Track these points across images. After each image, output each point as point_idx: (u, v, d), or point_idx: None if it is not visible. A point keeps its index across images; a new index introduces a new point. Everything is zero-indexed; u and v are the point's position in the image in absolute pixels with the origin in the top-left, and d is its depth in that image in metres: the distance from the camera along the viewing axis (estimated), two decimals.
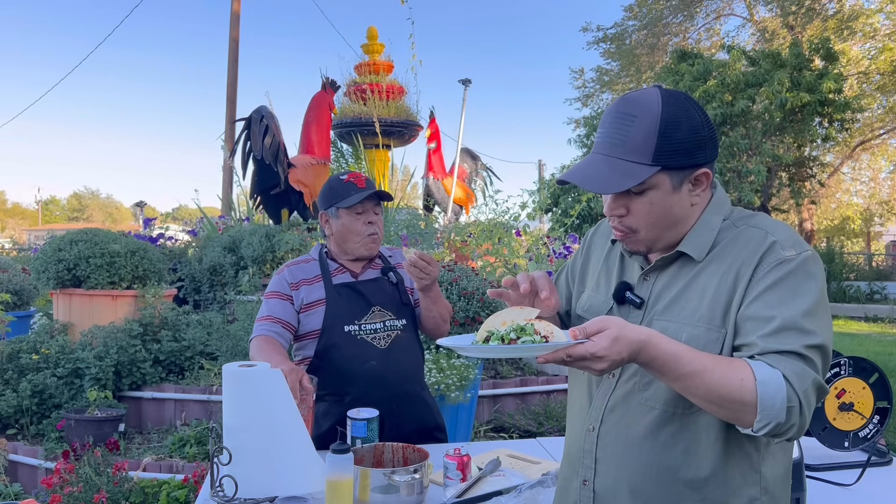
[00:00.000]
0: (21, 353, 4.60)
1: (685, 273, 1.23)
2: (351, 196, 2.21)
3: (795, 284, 1.13)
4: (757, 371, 1.06)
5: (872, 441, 1.96)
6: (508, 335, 1.15)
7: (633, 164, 1.16)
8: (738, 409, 1.06)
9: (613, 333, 1.05)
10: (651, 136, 1.15)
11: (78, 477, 3.00)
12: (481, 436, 4.37)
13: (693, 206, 1.22)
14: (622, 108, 1.19)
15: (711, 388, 1.06)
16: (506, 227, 6.65)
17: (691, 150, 1.17)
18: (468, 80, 8.49)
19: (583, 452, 1.30)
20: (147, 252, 5.30)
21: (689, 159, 1.17)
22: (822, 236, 23.60)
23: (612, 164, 1.17)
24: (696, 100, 1.22)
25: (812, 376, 1.08)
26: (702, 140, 1.18)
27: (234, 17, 11.66)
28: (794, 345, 1.08)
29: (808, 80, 13.23)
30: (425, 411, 2.26)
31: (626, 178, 1.15)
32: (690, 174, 1.19)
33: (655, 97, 1.18)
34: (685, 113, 1.17)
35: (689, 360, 1.07)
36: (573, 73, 24.53)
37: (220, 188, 11.12)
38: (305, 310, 2.20)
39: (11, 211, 64.40)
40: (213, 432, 1.64)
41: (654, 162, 1.15)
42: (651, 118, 1.15)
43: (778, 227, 1.21)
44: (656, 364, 1.08)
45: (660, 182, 1.17)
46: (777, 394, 1.04)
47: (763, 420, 1.05)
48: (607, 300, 1.34)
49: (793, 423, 1.06)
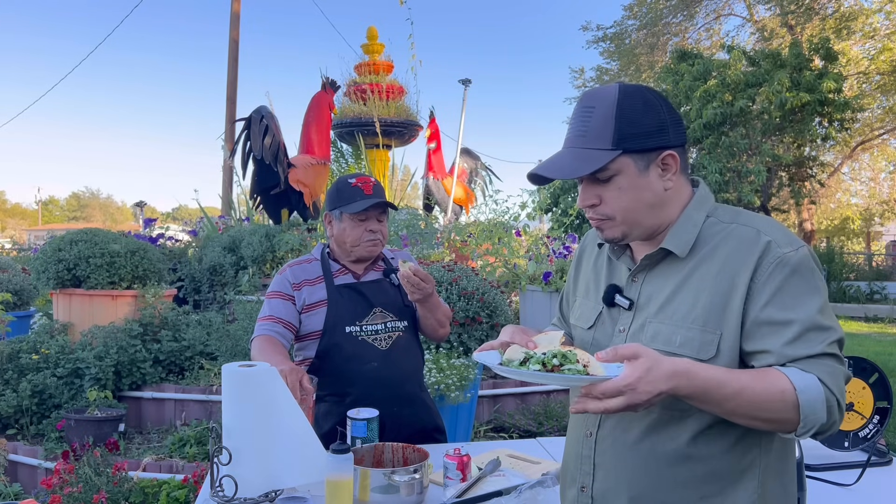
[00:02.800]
0: (21, 353, 4.59)
1: (675, 273, 1.22)
2: (356, 202, 2.20)
3: (802, 284, 1.14)
4: (794, 379, 1.08)
5: (872, 441, 1.96)
6: (550, 361, 1.11)
7: (594, 151, 1.18)
8: (783, 419, 1.08)
9: (647, 362, 1.04)
10: (608, 121, 1.18)
11: (78, 477, 3.00)
12: (481, 436, 4.37)
13: (667, 192, 1.22)
14: (584, 102, 1.23)
15: (755, 404, 1.07)
16: (506, 227, 6.65)
17: (652, 132, 1.19)
18: (468, 80, 8.49)
19: (581, 458, 1.30)
20: (147, 252, 5.30)
21: (651, 141, 1.19)
22: (822, 236, 23.60)
23: (576, 153, 1.20)
24: (657, 91, 1.25)
25: (842, 371, 1.12)
26: (662, 122, 1.20)
27: (234, 18, 11.65)
28: (820, 346, 1.11)
29: (808, 79, 13.22)
30: (425, 413, 2.26)
31: (588, 164, 1.18)
32: (656, 157, 1.20)
33: (613, 88, 1.21)
34: (642, 98, 1.20)
35: (728, 382, 1.07)
36: (573, 72, 24.56)
37: (220, 188, 11.12)
38: (307, 310, 2.20)
39: (11, 211, 64.41)
40: (213, 432, 1.64)
41: (614, 146, 1.18)
42: (608, 105, 1.19)
43: (769, 225, 1.21)
44: (698, 392, 1.07)
45: (624, 167, 1.19)
46: (817, 398, 1.07)
47: (806, 426, 1.08)
48: (597, 304, 1.34)
49: (833, 421, 1.09)
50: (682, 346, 1.16)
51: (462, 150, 9.04)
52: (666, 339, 1.18)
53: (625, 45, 22.21)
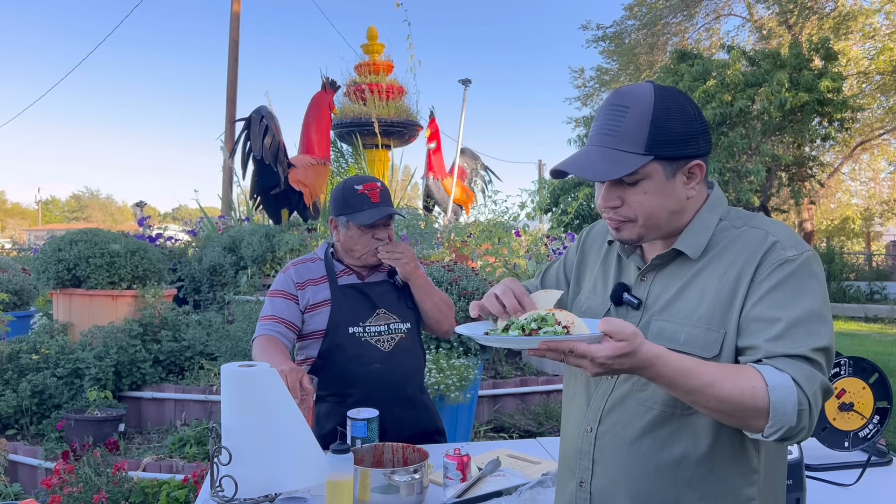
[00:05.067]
0: (21, 353, 4.59)
1: (683, 272, 1.23)
2: (364, 212, 2.18)
3: (799, 285, 1.13)
4: (767, 376, 1.06)
5: (872, 441, 1.96)
6: (529, 325, 1.11)
7: (625, 154, 1.16)
8: (750, 416, 1.06)
9: (627, 348, 1.02)
10: (643, 125, 1.16)
11: (78, 477, 3.00)
12: (481, 436, 4.37)
13: (689, 200, 1.22)
14: (615, 101, 1.20)
15: (723, 399, 1.05)
16: (505, 227, 6.65)
17: (684, 140, 1.18)
18: (468, 80, 8.48)
19: (580, 454, 1.30)
20: (147, 252, 5.30)
21: (682, 149, 1.18)
22: (822, 236, 23.58)
23: (605, 153, 1.17)
24: (689, 96, 1.22)
25: (820, 378, 1.08)
26: (694, 132, 1.18)
27: (234, 18, 11.65)
28: (802, 348, 1.08)
29: (807, 79, 13.22)
30: (426, 415, 2.26)
31: (619, 167, 1.15)
32: (684, 165, 1.19)
33: (648, 89, 1.19)
34: (677, 104, 1.18)
35: (698, 375, 1.06)
36: (573, 72, 24.55)
37: (220, 188, 11.12)
38: (310, 310, 2.19)
39: (11, 211, 64.38)
40: (213, 432, 1.64)
41: (646, 151, 1.16)
42: (643, 108, 1.17)
43: (778, 228, 1.21)
44: (664, 381, 1.07)
45: (653, 172, 1.17)
46: (788, 398, 1.04)
47: (775, 425, 1.05)
48: (605, 302, 1.34)
49: (803, 427, 1.06)
50: (686, 344, 1.16)
51: (462, 150, 9.03)
52: (670, 337, 1.18)
53: (624, 44, 22.20)
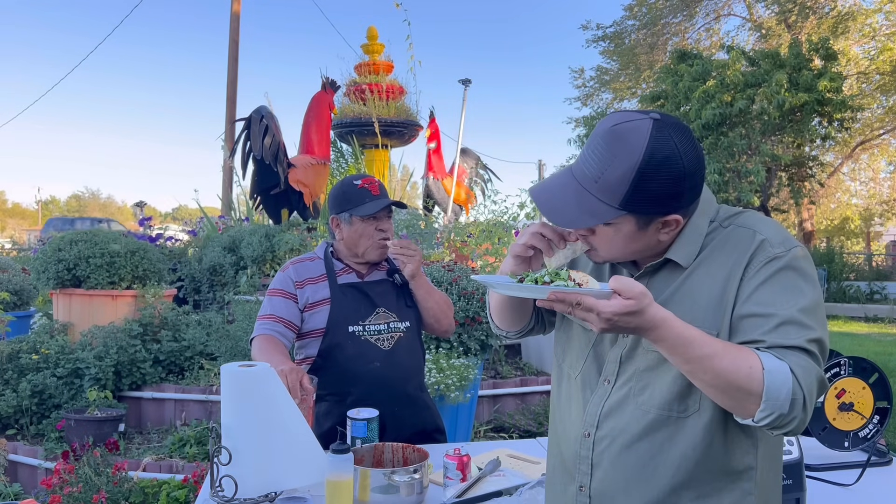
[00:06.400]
0: (21, 353, 4.59)
1: (675, 276, 1.23)
2: (366, 204, 2.20)
3: (788, 281, 1.14)
4: (765, 361, 1.07)
5: (872, 441, 1.96)
6: (542, 278, 1.15)
7: (600, 203, 1.14)
8: (743, 396, 1.07)
9: (634, 307, 1.04)
10: (624, 182, 1.12)
11: (77, 477, 3.00)
12: (481, 436, 4.37)
13: (660, 243, 1.22)
14: (608, 140, 1.14)
15: (719, 374, 1.07)
16: (505, 227, 6.65)
17: (665, 200, 1.15)
18: (468, 80, 8.47)
19: (578, 458, 1.30)
20: (147, 252, 5.30)
21: (660, 208, 1.15)
22: (822, 236, 23.59)
23: (581, 196, 1.16)
24: (694, 139, 1.16)
25: (816, 370, 1.09)
26: (679, 191, 1.14)
27: (234, 18, 11.66)
28: (797, 340, 1.09)
29: (806, 79, 13.22)
30: (426, 414, 2.26)
31: (590, 217, 1.15)
32: (660, 219, 1.18)
33: (642, 139, 1.11)
34: (669, 161, 1.12)
35: (699, 345, 1.07)
36: (573, 72, 24.53)
37: (220, 188, 11.13)
38: (310, 309, 2.19)
39: (11, 211, 64.36)
40: (213, 432, 1.64)
41: (621, 207, 1.14)
42: (630, 163, 1.11)
43: (766, 225, 1.21)
44: (666, 345, 1.08)
45: (625, 222, 1.17)
46: (783, 385, 1.05)
47: (766, 410, 1.06)
48: None
49: (795, 416, 1.06)
50: None
51: (462, 150, 9.03)
52: None
53: (624, 44, 22.21)
